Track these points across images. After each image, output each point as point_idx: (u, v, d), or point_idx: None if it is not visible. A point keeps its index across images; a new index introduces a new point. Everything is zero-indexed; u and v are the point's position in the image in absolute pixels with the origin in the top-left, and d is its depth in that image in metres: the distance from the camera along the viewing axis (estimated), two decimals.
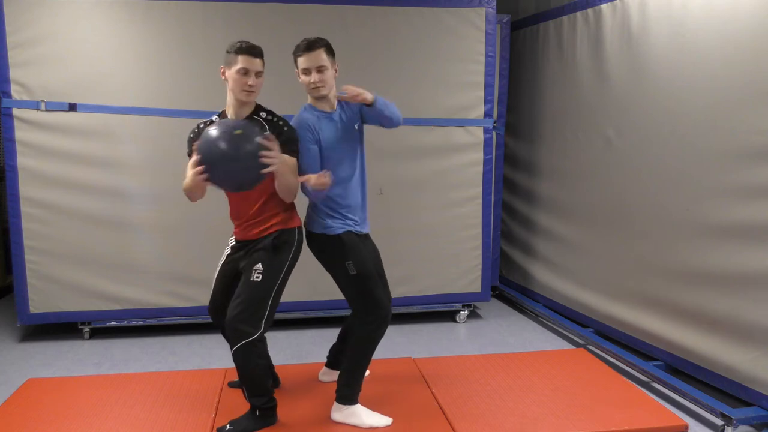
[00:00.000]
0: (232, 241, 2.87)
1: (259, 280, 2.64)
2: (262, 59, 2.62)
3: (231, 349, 2.64)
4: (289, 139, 2.61)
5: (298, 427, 2.78)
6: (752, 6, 2.92)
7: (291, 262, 2.75)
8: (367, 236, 2.93)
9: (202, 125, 2.68)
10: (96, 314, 4.07)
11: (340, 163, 2.73)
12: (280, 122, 2.65)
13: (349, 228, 2.77)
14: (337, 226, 2.75)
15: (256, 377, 2.68)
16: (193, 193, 2.61)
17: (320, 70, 2.63)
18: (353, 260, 2.73)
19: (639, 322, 3.69)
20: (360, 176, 2.83)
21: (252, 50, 2.58)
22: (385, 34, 4.16)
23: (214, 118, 2.71)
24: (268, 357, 2.75)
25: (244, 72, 2.55)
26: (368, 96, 2.60)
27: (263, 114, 2.67)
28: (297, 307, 4.24)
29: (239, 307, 2.62)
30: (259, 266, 2.65)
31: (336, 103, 2.77)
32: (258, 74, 2.59)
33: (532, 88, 4.84)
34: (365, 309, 2.76)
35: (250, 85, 2.56)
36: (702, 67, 3.22)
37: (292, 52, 2.69)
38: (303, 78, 2.68)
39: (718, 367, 3.15)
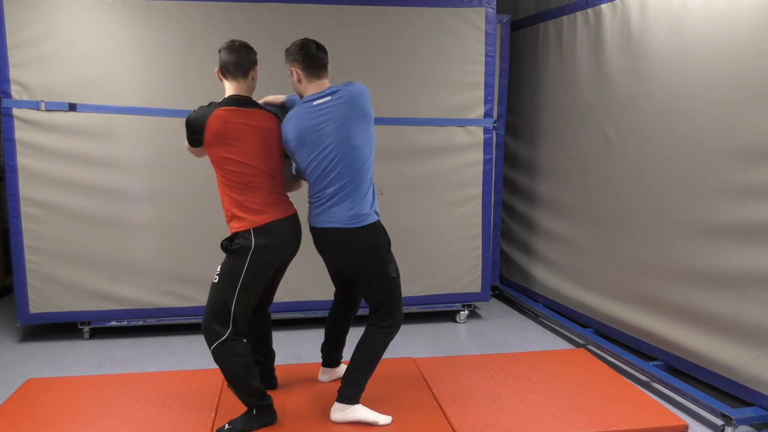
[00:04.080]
0: None
1: (215, 281, 2.67)
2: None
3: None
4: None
5: (297, 427, 2.78)
6: (752, 6, 2.92)
7: (251, 267, 2.61)
8: None
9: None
10: (96, 314, 4.07)
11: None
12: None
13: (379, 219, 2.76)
14: (372, 215, 2.70)
15: (238, 376, 2.67)
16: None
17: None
18: (393, 261, 2.76)
19: (639, 322, 3.69)
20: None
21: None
22: (385, 34, 4.15)
23: None
24: (249, 355, 2.70)
25: None
26: (280, 98, 2.82)
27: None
28: (297, 307, 4.24)
29: (206, 308, 2.67)
30: (218, 268, 2.68)
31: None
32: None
33: (532, 88, 4.84)
34: (389, 312, 2.78)
35: None
36: (702, 67, 3.21)
37: (288, 54, 2.67)
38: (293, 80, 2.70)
39: (718, 367, 3.15)
